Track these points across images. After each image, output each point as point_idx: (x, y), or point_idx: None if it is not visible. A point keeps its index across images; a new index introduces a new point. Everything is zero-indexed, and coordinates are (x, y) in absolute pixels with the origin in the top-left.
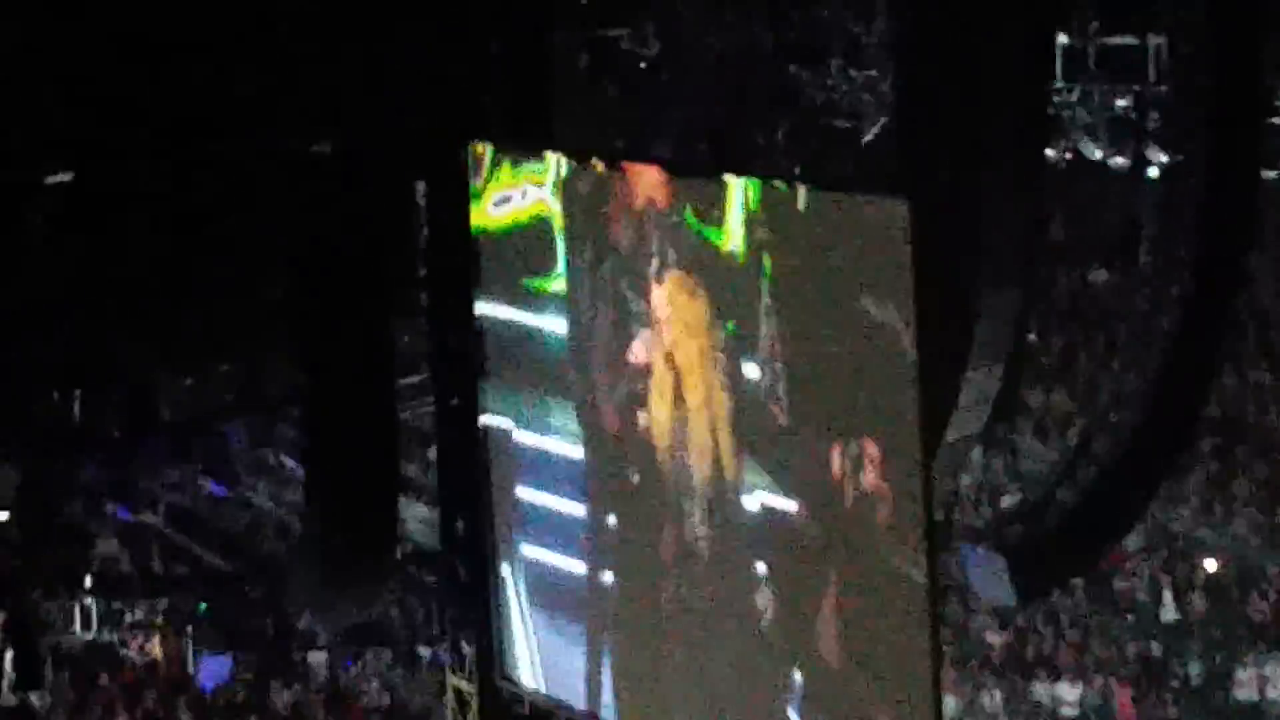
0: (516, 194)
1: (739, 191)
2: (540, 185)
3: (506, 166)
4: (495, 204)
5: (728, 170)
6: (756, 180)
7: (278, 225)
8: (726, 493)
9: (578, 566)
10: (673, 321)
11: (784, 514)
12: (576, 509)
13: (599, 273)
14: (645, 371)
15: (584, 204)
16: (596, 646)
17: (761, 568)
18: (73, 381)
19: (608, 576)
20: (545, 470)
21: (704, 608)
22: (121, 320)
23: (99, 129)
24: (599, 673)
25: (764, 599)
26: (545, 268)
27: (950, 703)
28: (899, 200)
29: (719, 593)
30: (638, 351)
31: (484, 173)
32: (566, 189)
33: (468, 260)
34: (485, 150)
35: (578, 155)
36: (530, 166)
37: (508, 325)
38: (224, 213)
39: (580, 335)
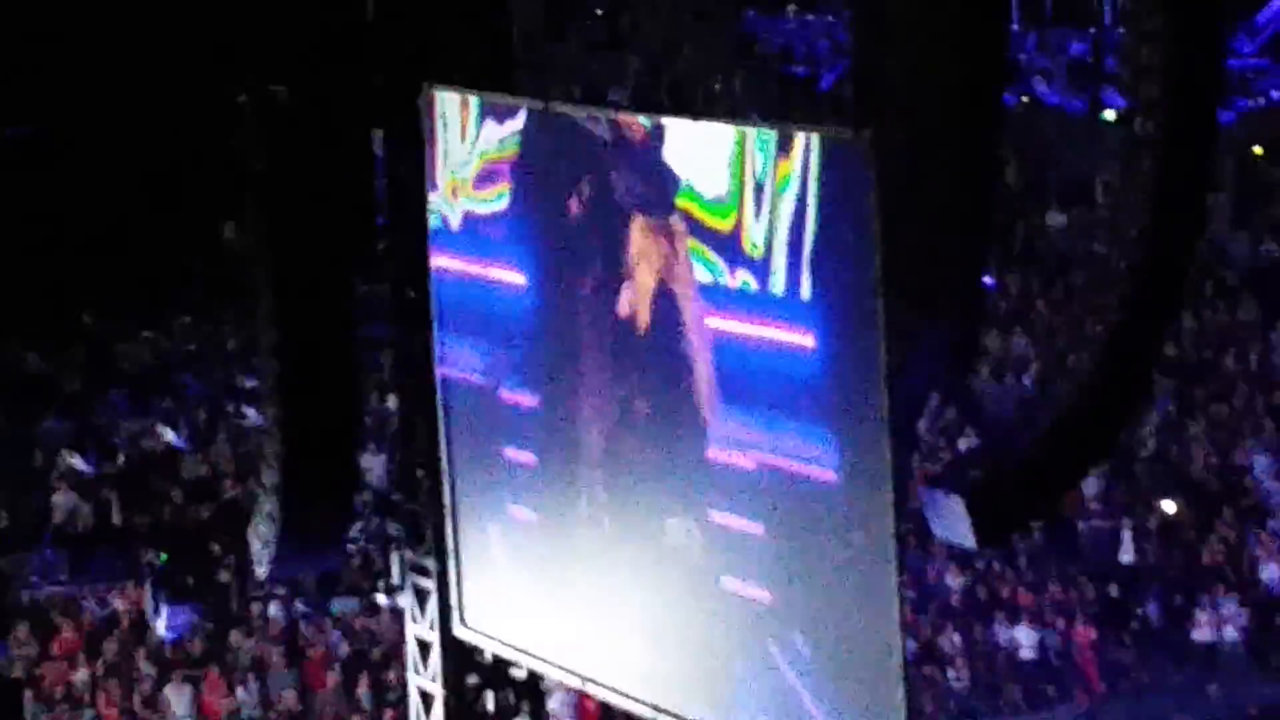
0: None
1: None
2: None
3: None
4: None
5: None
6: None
7: (234, 175)
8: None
9: (534, 515)
10: (643, 268)
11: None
12: (531, 459)
13: (569, 220)
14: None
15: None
16: (555, 594)
17: (723, 517)
18: (32, 335)
19: (565, 525)
20: (504, 420)
21: (658, 557)
22: (79, 273)
23: (56, 83)
24: (558, 621)
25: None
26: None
27: (910, 645)
28: (860, 139)
29: (677, 542)
30: (622, 302)
31: (465, 128)
32: (529, 136)
33: (424, 210)
34: (469, 101)
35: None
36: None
37: (465, 275)
38: (180, 162)
39: (550, 287)
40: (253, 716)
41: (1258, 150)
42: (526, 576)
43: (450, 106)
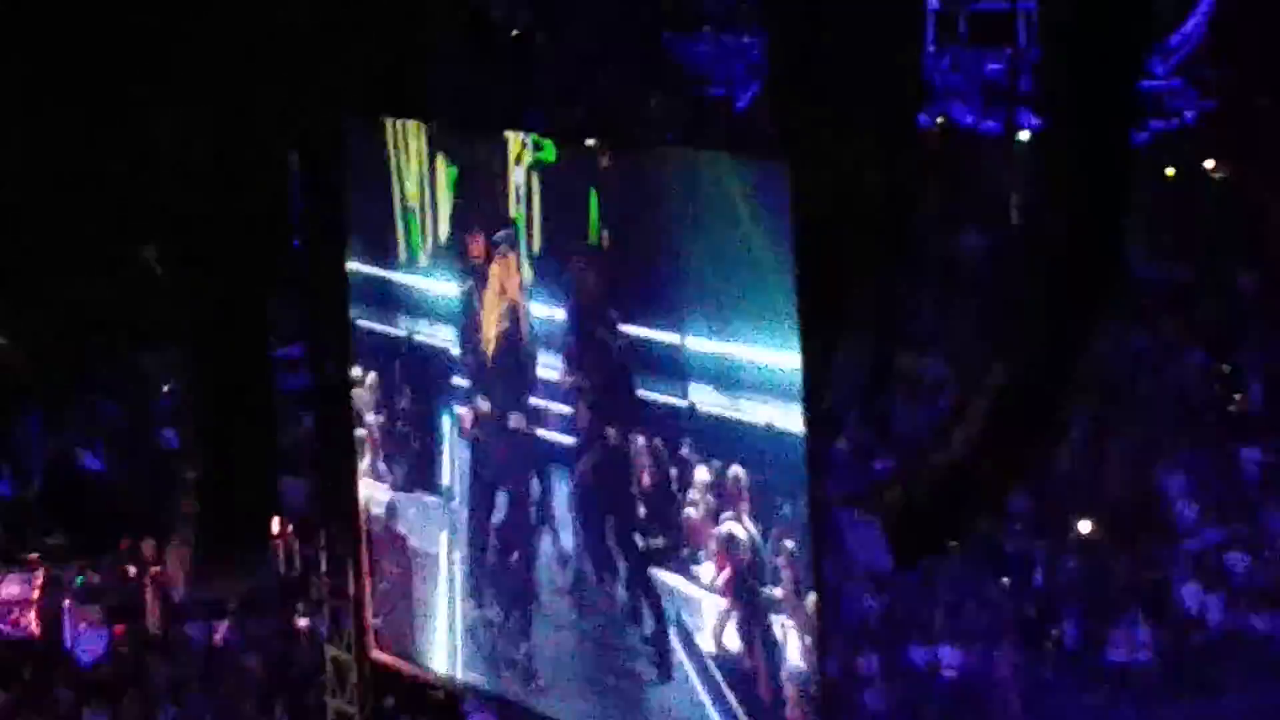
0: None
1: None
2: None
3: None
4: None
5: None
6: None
7: (154, 196)
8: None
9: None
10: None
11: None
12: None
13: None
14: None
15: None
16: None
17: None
18: None
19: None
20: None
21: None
22: None
23: None
24: (472, 642)
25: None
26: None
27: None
28: (780, 162)
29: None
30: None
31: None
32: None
33: (342, 232)
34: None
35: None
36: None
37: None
38: (99, 182)
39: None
40: None
41: (1169, 172)
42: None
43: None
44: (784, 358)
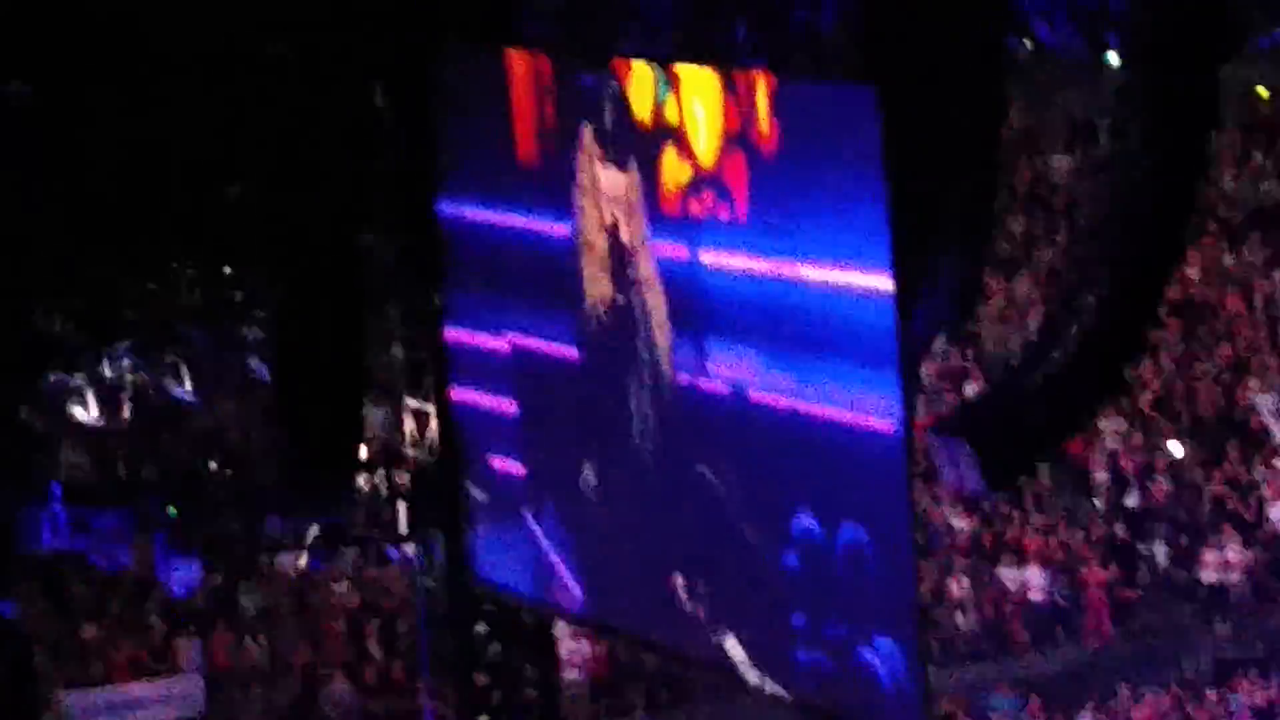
0: None
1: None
2: None
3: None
4: None
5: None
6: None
7: (238, 129)
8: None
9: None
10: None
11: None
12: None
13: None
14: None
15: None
16: (557, 539)
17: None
18: (35, 289)
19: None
20: (499, 370)
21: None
22: (82, 225)
23: (56, 39)
24: (563, 566)
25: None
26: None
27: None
28: (865, 87)
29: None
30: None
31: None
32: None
33: (431, 164)
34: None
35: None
36: None
37: (474, 228)
38: (183, 116)
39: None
40: (263, 668)
41: (1262, 91)
42: (527, 526)
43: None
44: (877, 280)
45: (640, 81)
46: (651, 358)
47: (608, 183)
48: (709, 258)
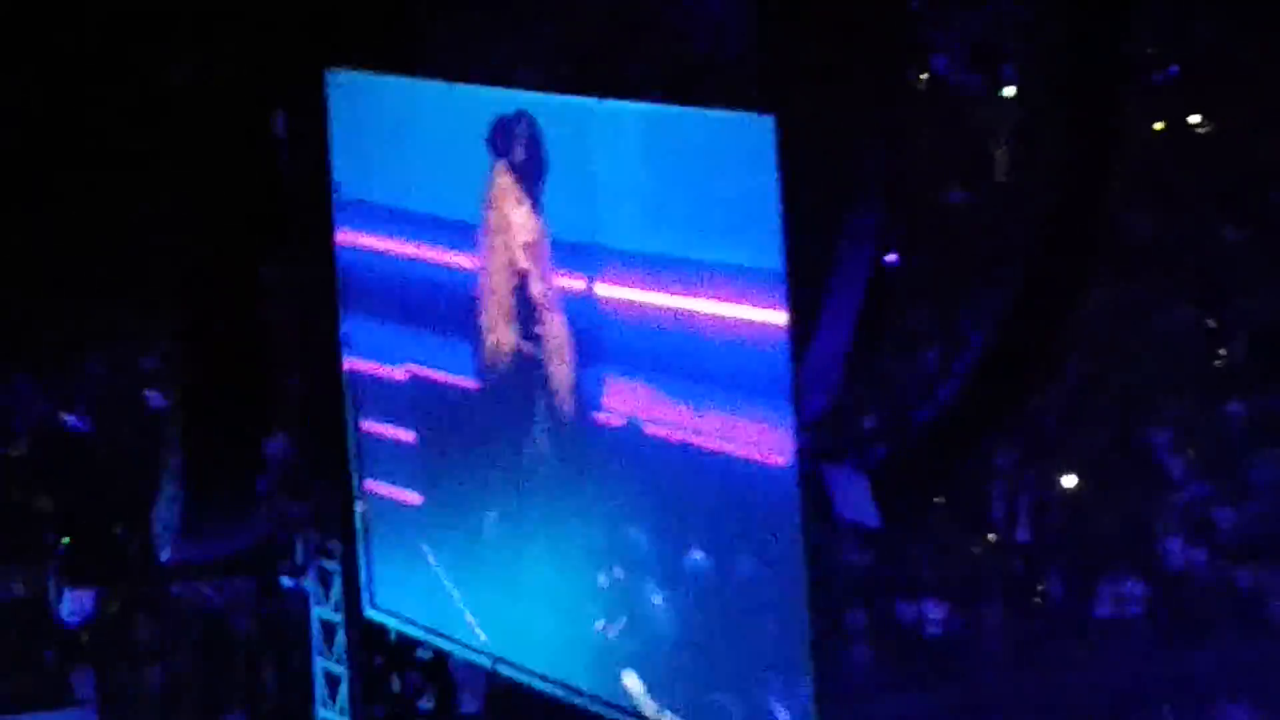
0: None
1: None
2: None
3: None
4: None
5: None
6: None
7: (135, 157)
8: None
9: (416, 495)
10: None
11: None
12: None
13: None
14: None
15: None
16: (455, 573)
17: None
18: None
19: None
20: (395, 401)
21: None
22: None
23: None
24: (459, 600)
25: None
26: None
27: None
28: (764, 116)
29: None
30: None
31: None
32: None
33: (329, 192)
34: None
35: None
36: None
37: (373, 259)
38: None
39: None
40: (158, 700)
41: (1156, 126)
42: (425, 559)
43: None
44: (770, 315)
45: (548, 114)
46: (550, 394)
47: (519, 223)
48: (605, 290)
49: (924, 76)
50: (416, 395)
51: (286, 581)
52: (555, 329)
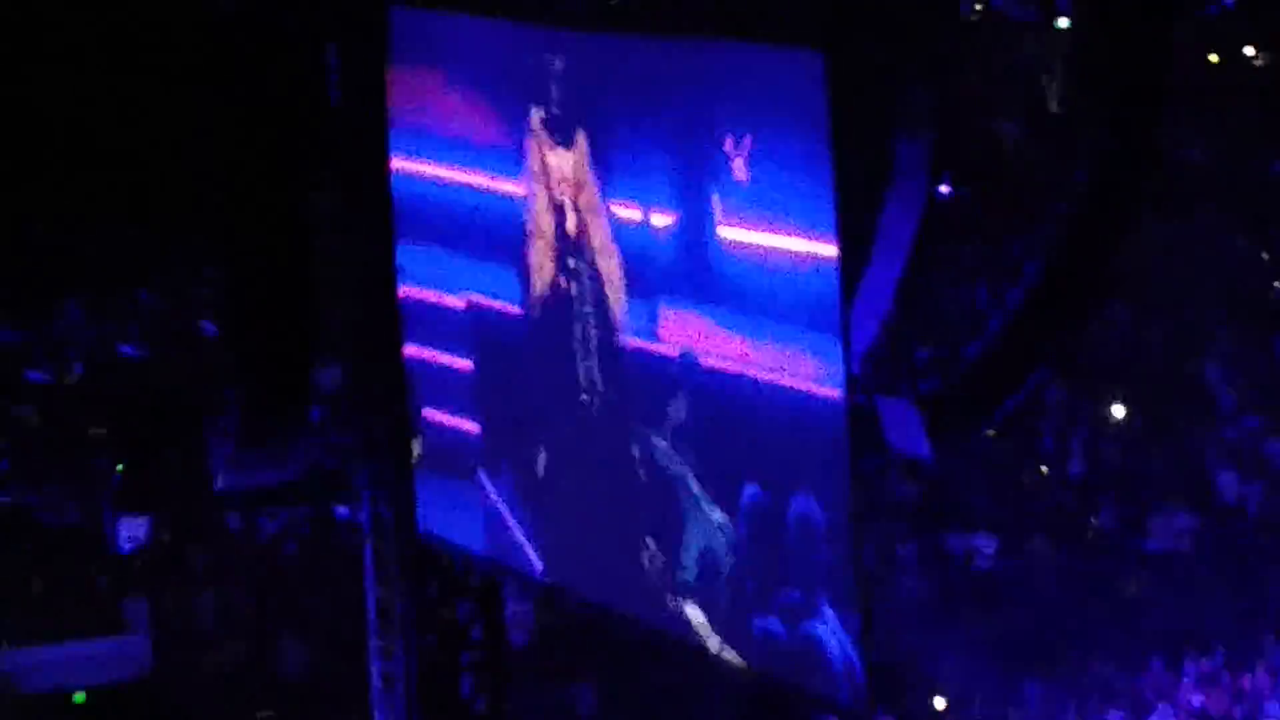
0: None
1: None
2: None
3: None
4: None
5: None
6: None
7: (185, 89)
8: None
9: (473, 424)
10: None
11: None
12: (469, 365)
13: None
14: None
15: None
16: (513, 502)
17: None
18: None
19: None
20: (450, 330)
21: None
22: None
23: None
24: (519, 530)
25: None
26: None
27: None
28: (814, 52)
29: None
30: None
31: None
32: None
33: (383, 124)
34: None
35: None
36: None
37: (427, 188)
38: (132, 76)
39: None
40: (210, 628)
41: (1212, 58)
42: (482, 487)
43: None
44: (821, 247)
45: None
46: (603, 325)
47: (555, 164)
48: (658, 219)
49: (978, 8)
50: (473, 324)
51: (339, 511)
52: (607, 260)
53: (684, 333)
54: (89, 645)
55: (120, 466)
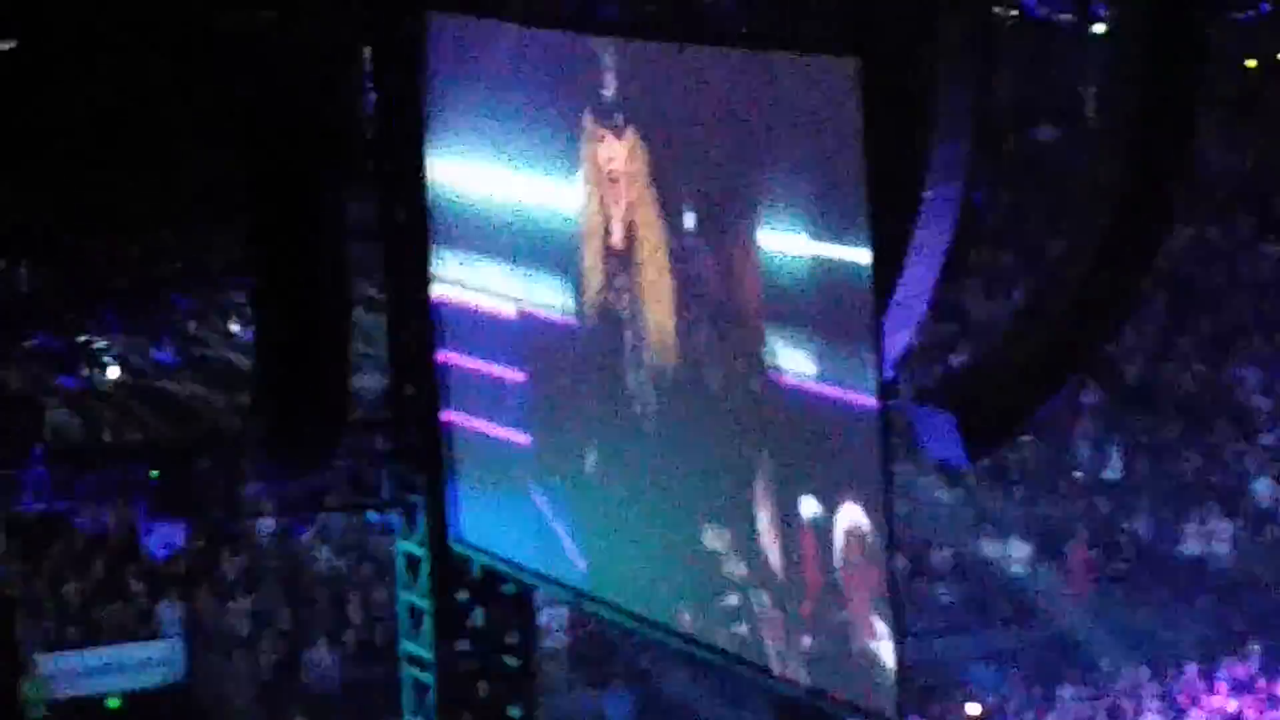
0: None
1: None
2: None
3: None
4: None
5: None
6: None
7: (223, 95)
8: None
9: (519, 432)
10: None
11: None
12: (518, 375)
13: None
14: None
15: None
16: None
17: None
18: (21, 252)
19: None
20: (489, 336)
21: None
22: (68, 189)
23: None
24: (556, 534)
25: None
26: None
27: (899, 562)
28: (848, 59)
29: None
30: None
31: None
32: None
33: (417, 129)
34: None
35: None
36: None
37: (466, 195)
38: (169, 83)
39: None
40: (244, 633)
41: (1249, 63)
42: (525, 495)
43: None
44: (856, 253)
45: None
46: (651, 335)
47: (606, 158)
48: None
49: (1013, 13)
50: (518, 333)
51: (372, 516)
52: (655, 270)
53: (724, 340)
54: (123, 650)
55: (155, 473)
